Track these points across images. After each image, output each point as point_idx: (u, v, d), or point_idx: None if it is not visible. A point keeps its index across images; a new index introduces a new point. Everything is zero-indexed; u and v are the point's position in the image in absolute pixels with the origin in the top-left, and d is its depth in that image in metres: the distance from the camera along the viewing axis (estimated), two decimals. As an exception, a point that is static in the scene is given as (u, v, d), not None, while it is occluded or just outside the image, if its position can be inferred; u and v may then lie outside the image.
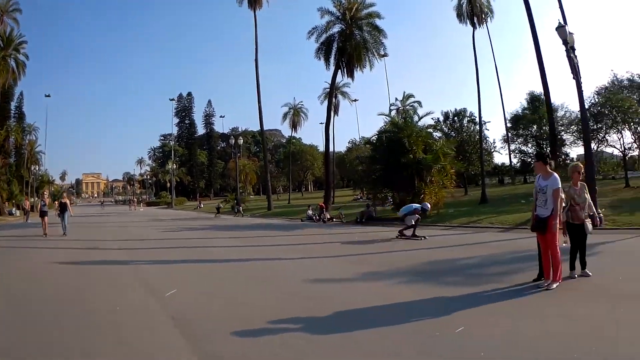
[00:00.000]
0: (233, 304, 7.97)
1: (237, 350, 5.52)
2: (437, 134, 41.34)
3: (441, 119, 53.06)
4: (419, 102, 49.81)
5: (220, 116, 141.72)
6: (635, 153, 47.49)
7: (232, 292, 9.03)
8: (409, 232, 17.40)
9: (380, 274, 10.24)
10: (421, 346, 5.49)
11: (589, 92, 49.90)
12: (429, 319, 6.56)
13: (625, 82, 44.01)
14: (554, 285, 8.05)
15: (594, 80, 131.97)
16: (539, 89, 44.04)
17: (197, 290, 9.16)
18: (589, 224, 8.95)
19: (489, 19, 43.48)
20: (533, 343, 5.41)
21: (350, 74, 43.14)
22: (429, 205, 19.10)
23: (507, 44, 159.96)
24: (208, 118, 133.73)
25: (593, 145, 40.68)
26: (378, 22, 41.58)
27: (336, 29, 41.71)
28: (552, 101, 48.86)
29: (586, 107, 37.99)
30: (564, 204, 8.87)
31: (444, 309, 6.99)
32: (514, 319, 6.49)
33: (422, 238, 16.75)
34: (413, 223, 17.39)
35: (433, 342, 5.59)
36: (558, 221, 8.25)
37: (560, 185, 8.29)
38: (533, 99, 45.29)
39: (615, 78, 44.49)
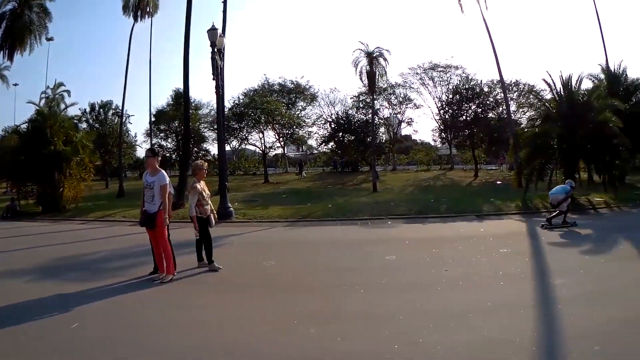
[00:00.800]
0: None
1: None
2: (83, 126, 40.20)
3: (88, 109, 51.44)
4: (68, 92, 47.02)
5: None
6: (279, 151, 52.83)
7: None
8: (557, 220, 14.69)
9: (5, 273, 9.94)
10: (34, 345, 5.58)
11: (236, 93, 53.79)
12: (48, 316, 6.63)
13: (276, 86, 48.75)
14: (169, 278, 8.58)
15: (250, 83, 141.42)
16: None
17: None
18: (212, 218, 9.75)
19: (154, 13, 43.46)
20: (151, 335, 5.83)
21: (10, 57, 39.08)
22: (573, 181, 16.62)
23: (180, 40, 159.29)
24: None
25: (235, 143, 44.25)
26: (48, 4, 38.95)
27: (9, 6, 37.27)
28: (199, 99, 51.55)
29: (230, 106, 41.15)
30: (173, 199, 9.64)
31: (64, 305, 7.07)
32: (129, 312, 6.88)
33: (574, 224, 14.56)
34: (567, 208, 14.94)
35: (45, 341, 5.68)
36: (168, 216, 8.74)
37: (168, 181, 8.75)
38: (178, 95, 46.45)
39: (266, 82, 49.15)
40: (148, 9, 41.30)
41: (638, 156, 33.06)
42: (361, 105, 46.78)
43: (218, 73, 19.38)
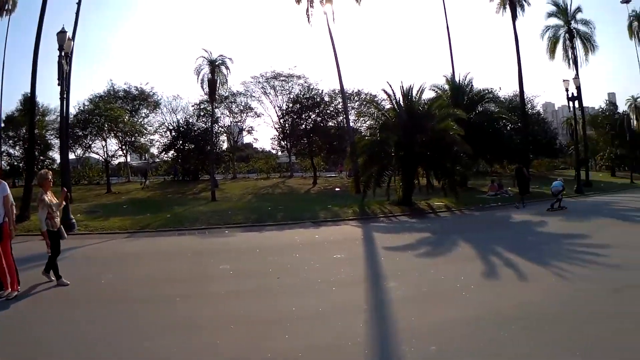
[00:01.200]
0: None
1: None
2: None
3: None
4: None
5: None
6: (122, 160, 50.32)
7: None
8: (556, 205, 20.57)
9: None
10: None
11: (83, 98, 50.72)
12: None
13: (121, 92, 46.32)
14: (13, 295, 7.99)
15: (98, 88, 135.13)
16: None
17: None
18: (63, 229, 9.26)
19: (13, 11, 39.38)
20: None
21: None
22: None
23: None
24: None
25: (80, 152, 41.60)
26: None
27: None
28: (47, 104, 47.94)
29: (75, 113, 38.81)
30: (15, 211, 8.87)
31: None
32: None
33: (566, 207, 20.72)
34: (561, 196, 21.03)
35: None
36: (13, 227, 8.33)
37: (8, 192, 8.27)
38: (27, 100, 42.27)
39: (112, 87, 46.45)
40: (7, 7, 37.66)
41: (481, 162, 35.63)
42: (202, 114, 45.93)
43: (64, 78, 18.09)
